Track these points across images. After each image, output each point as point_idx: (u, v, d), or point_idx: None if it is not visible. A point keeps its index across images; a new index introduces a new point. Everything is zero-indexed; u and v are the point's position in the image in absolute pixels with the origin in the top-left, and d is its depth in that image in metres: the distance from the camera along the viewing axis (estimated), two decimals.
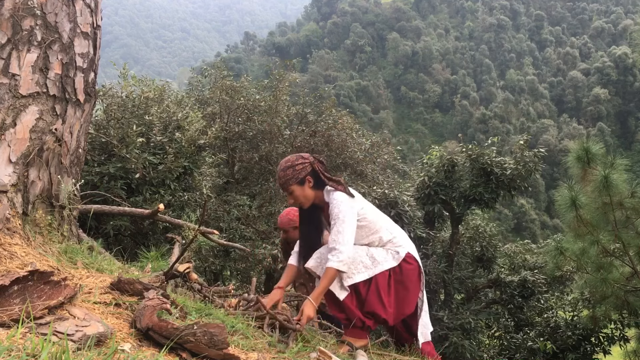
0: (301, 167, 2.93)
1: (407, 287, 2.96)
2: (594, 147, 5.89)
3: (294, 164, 2.93)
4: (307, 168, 2.94)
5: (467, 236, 12.04)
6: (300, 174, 2.92)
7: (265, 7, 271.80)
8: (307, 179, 2.93)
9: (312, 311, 2.76)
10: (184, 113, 6.61)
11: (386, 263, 2.92)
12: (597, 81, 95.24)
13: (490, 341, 12.15)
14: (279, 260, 8.36)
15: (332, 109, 11.57)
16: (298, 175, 2.92)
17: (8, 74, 2.55)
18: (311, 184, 2.94)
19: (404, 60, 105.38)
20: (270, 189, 10.28)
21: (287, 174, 2.92)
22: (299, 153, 3.07)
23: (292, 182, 2.91)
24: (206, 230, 4.09)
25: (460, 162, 10.74)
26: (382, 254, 2.94)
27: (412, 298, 2.99)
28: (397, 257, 2.95)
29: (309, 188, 2.94)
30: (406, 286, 2.96)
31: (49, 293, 1.83)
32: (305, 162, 2.95)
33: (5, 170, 2.53)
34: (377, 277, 2.88)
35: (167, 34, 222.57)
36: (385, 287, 2.90)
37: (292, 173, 2.92)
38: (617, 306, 6.47)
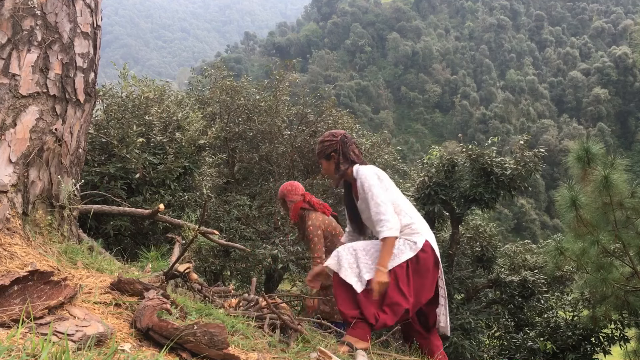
0: (328, 143, 3.19)
1: (424, 276, 3.00)
2: (594, 147, 5.89)
3: (324, 140, 3.23)
4: (334, 145, 3.18)
5: (467, 236, 12.03)
6: (327, 149, 3.19)
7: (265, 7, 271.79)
8: (332, 155, 3.18)
9: (384, 277, 2.82)
10: (184, 113, 6.61)
11: (403, 255, 2.96)
12: (597, 81, 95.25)
13: (490, 341, 12.14)
14: (279, 260, 8.36)
15: (332, 109, 11.55)
16: (325, 150, 3.20)
17: (8, 74, 2.55)
18: (336, 160, 3.17)
19: (404, 61, 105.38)
20: (271, 189, 10.27)
21: (317, 148, 3.25)
22: (333, 130, 3.32)
23: (320, 156, 3.22)
24: (206, 231, 4.09)
25: (461, 162, 10.74)
26: (399, 246, 2.97)
27: (428, 286, 3.03)
28: (414, 247, 2.98)
29: (333, 164, 3.18)
30: (423, 275, 3.00)
31: (49, 293, 1.83)
32: (333, 140, 3.20)
33: (5, 170, 2.53)
34: (396, 269, 2.92)
35: (167, 34, 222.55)
36: (405, 278, 2.92)
37: (321, 148, 3.22)
38: (617, 306, 6.47)
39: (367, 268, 2.91)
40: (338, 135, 3.22)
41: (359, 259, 2.95)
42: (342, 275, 2.92)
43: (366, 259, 2.94)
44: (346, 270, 2.93)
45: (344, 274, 2.92)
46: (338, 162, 3.16)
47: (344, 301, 2.92)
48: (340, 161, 3.16)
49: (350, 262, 2.95)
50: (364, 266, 2.92)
